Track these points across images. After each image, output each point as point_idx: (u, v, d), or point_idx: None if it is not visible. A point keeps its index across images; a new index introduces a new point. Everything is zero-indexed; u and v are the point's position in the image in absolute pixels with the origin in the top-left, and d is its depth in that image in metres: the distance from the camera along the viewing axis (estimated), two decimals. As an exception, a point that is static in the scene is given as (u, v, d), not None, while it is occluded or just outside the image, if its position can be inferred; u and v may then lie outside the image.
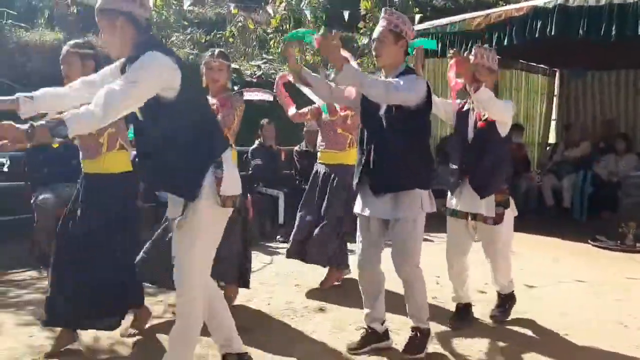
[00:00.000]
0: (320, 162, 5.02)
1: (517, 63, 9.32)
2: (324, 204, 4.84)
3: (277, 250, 6.46)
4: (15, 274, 5.45)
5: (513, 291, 4.18)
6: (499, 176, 3.82)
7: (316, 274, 5.10)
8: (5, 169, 6.54)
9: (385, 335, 3.57)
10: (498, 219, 3.78)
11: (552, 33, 6.16)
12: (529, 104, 9.93)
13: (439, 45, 7.50)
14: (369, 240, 3.47)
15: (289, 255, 5.04)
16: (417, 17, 12.44)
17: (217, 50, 4.24)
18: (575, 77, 9.89)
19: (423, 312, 3.48)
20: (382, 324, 3.55)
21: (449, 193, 3.97)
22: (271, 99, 9.22)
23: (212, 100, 4.05)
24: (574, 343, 3.69)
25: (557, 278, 5.13)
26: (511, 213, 3.91)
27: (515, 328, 3.95)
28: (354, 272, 5.13)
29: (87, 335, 3.81)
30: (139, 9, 2.66)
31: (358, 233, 3.52)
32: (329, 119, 4.93)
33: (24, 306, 4.47)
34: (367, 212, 3.41)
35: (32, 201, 5.93)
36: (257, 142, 7.46)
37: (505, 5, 10.30)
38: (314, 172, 5.09)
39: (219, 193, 2.68)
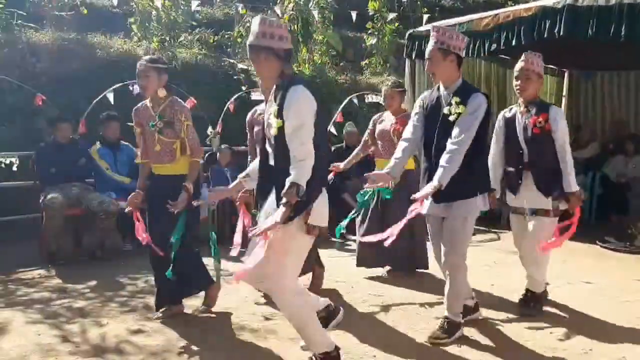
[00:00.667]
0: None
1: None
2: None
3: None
4: (23, 272, 5.48)
5: (544, 291, 4.40)
6: (559, 176, 4.08)
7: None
8: (15, 169, 6.59)
9: (475, 309, 4.06)
10: (557, 213, 4.12)
11: (561, 33, 6.11)
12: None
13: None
14: (434, 235, 3.88)
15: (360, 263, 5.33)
16: (425, 17, 12.42)
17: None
18: (584, 78, 9.82)
19: (457, 304, 3.74)
20: (472, 299, 4.02)
21: (507, 192, 4.31)
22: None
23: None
24: (582, 345, 3.66)
25: (566, 279, 5.10)
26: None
27: (523, 328, 3.93)
28: (352, 275, 5.14)
29: (94, 334, 3.83)
30: (277, 42, 2.99)
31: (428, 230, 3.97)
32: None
33: (32, 304, 4.49)
34: (427, 211, 3.76)
35: (40, 201, 5.97)
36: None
37: (514, 5, 10.25)
38: None
39: (306, 222, 2.92)
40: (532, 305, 4.27)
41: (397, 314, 4.27)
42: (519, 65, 4.15)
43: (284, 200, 2.77)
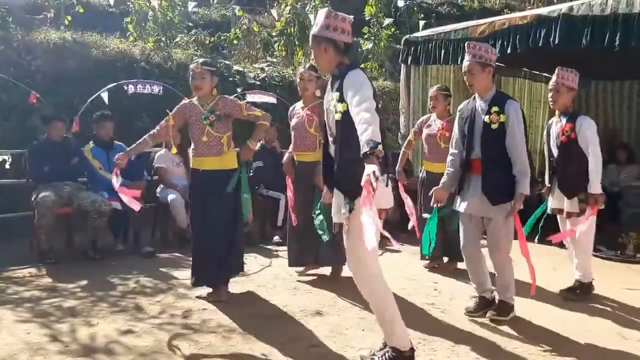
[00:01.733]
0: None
1: (520, 71, 9.31)
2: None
3: (276, 252, 6.46)
4: (14, 271, 5.45)
5: (592, 281, 4.92)
6: (582, 180, 4.59)
7: (315, 277, 5.09)
8: (7, 167, 6.56)
9: (494, 302, 4.32)
10: (581, 212, 4.67)
11: (556, 42, 6.15)
12: (532, 112, 9.88)
13: (443, 52, 7.52)
14: (468, 229, 4.26)
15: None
16: (421, 23, 12.46)
17: (308, 64, 5.14)
18: (578, 87, 9.86)
19: (509, 291, 4.24)
20: (491, 293, 4.33)
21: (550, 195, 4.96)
22: (274, 101, 9.25)
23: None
24: (572, 353, 3.66)
25: (557, 286, 5.11)
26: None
27: (513, 336, 3.94)
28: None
29: (83, 333, 3.82)
30: (339, 35, 3.21)
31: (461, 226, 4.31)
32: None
33: (22, 303, 4.48)
34: (467, 210, 4.16)
35: (32, 199, 5.95)
36: (259, 144, 7.47)
37: (510, 13, 10.30)
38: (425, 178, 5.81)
39: None
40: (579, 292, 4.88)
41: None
42: (553, 79, 4.75)
43: (367, 151, 2.75)
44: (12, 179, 6.68)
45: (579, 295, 4.84)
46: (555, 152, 4.86)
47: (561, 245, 5.20)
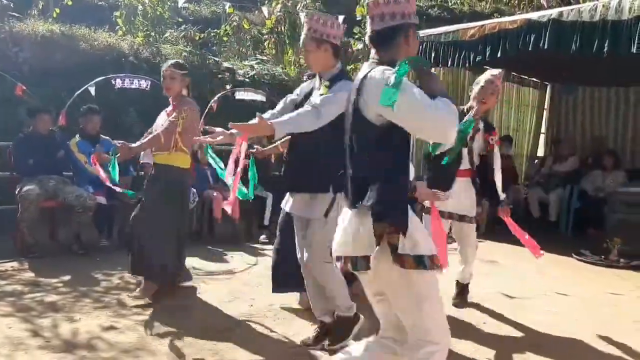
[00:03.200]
0: None
1: (509, 75, 9.35)
2: None
3: (263, 251, 6.44)
4: (-4, 264, 5.39)
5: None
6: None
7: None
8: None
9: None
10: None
11: (545, 47, 6.18)
12: (519, 116, 9.95)
13: (433, 54, 7.53)
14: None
15: None
16: (412, 25, 12.48)
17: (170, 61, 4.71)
18: (566, 92, 9.94)
19: (339, 301, 3.58)
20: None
21: None
22: (263, 99, 9.19)
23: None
24: (556, 357, 3.69)
25: (541, 290, 5.14)
26: None
27: (496, 338, 3.95)
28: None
29: (65, 329, 3.78)
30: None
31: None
32: None
33: (4, 297, 4.42)
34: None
35: (16, 192, 5.88)
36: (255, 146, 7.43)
37: (500, 17, 10.34)
38: None
39: None
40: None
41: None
42: (491, 80, 4.31)
43: None
44: (-4, 172, 6.61)
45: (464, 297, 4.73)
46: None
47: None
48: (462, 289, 4.70)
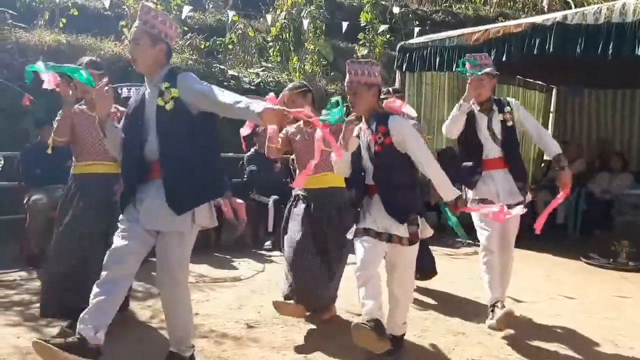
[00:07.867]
0: None
1: (515, 79, 9.35)
2: None
3: (270, 258, 6.44)
4: (4, 274, 5.41)
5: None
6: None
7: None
8: (0, 169, 6.52)
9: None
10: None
11: (550, 50, 6.18)
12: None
13: (438, 59, 7.54)
14: None
15: None
16: (416, 30, 12.49)
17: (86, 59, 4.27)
18: (571, 95, 9.93)
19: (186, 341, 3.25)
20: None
21: None
22: (268, 106, 9.10)
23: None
24: (563, 360, 3.68)
25: (549, 294, 5.12)
26: None
27: (504, 344, 3.93)
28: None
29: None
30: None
31: None
32: None
33: (12, 307, 4.44)
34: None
35: (24, 202, 5.91)
36: (253, 149, 7.45)
37: (505, 21, 10.35)
38: None
39: None
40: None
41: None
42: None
43: None
44: (4, 182, 6.64)
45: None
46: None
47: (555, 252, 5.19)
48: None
